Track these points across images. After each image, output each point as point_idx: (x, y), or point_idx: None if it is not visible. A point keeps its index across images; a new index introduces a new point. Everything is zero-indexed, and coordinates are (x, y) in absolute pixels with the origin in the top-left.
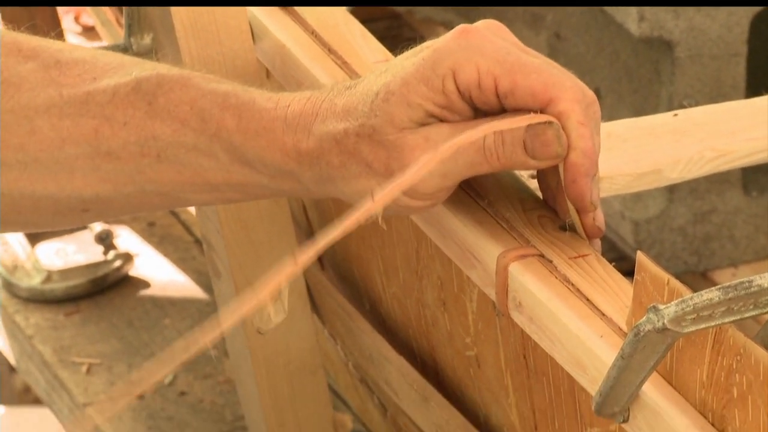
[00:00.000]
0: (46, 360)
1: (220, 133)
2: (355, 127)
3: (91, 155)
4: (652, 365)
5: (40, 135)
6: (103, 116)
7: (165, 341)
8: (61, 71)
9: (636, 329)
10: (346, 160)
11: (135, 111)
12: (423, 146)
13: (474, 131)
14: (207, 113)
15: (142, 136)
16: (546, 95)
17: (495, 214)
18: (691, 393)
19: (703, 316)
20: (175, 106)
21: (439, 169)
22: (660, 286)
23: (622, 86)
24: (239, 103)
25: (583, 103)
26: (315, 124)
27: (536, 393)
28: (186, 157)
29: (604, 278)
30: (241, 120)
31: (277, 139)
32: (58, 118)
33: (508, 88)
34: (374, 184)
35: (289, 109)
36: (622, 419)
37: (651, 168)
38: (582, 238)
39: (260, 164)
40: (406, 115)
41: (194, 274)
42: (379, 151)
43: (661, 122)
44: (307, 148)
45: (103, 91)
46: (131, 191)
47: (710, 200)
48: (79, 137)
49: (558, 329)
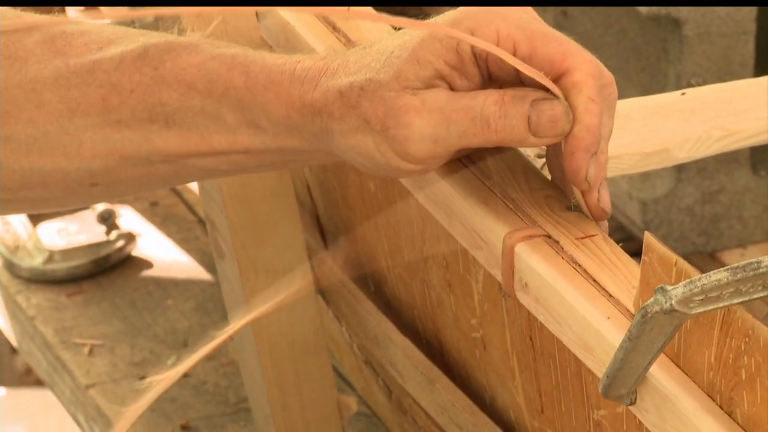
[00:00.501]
0: (47, 341)
1: (227, 92)
2: (360, 81)
3: (100, 125)
4: (659, 347)
5: (49, 107)
6: (110, 84)
7: (168, 322)
8: (67, 41)
9: (643, 310)
10: (346, 113)
11: (141, 77)
12: (418, 108)
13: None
14: (215, 74)
15: (150, 103)
16: (563, 64)
17: (501, 194)
18: (699, 375)
19: (711, 297)
20: (182, 70)
21: (431, 133)
22: (668, 266)
23: (630, 65)
24: (248, 61)
25: (599, 82)
26: (323, 78)
27: (542, 375)
28: (193, 120)
29: (612, 259)
30: (248, 77)
31: (283, 91)
32: (66, 89)
33: (526, 53)
34: (369, 141)
35: (299, 64)
36: (629, 402)
37: (659, 147)
38: (589, 219)
39: (265, 121)
40: (413, 72)
41: (197, 254)
42: (379, 107)
43: (669, 101)
44: (312, 99)
45: (110, 59)
46: (138, 161)
47: (719, 180)
48: (87, 108)
49: (565, 310)
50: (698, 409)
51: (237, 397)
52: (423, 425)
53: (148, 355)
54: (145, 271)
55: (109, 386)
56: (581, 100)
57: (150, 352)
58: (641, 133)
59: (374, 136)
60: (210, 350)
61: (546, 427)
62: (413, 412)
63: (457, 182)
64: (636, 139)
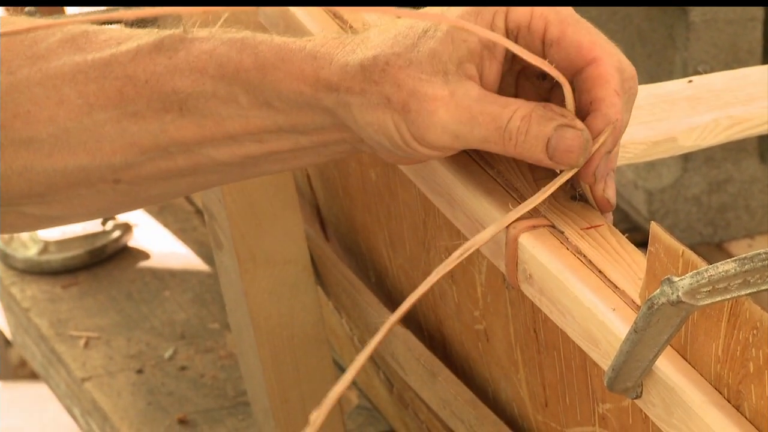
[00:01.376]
0: (42, 333)
1: (238, 74)
2: (387, 55)
3: (117, 118)
4: (666, 339)
5: (68, 104)
6: (126, 76)
7: (165, 314)
8: (88, 39)
9: (649, 302)
10: (367, 88)
11: (156, 67)
12: (446, 100)
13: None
14: (225, 58)
15: (164, 92)
16: (591, 53)
17: (505, 183)
18: (706, 368)
19: (718, 288)
20: (194, 57)
21: (454, 129)
22: (674, 257)
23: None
24: (256, 42)
25: (622, 75)
26: (340, 54)
27: (547, 368)
28: (206, 106)
29: (617, 250)
30: (257, 57)
31: (294, 68)
32: (84, 84)
33: (556, 35)
34: (388, 119)
35: (310, 42)
36: (635, 395)
37: (665, 136)
38: (594, 209)
39: (277, 99)
40: (447, 53)
41: (195, 245)
42: (403, 86)
43: (676, 89)
44: (328, 74)
45: (126, 52)
46: (156, 154)
47: (726, 169)
48: (105, 101)
49: (569, 302)
50: (705, 402)
51: (236, 391)
52: (424, 419)
53: (144, 348)
54: (141, 262)
55: (105, 379)
56: (607, 93)
57: (147, 344)
58: (647, 122)
59: (394, 115)
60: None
61: (550, 421)
62: (415, 405)
63: (460, 171)
64: (642, 127)
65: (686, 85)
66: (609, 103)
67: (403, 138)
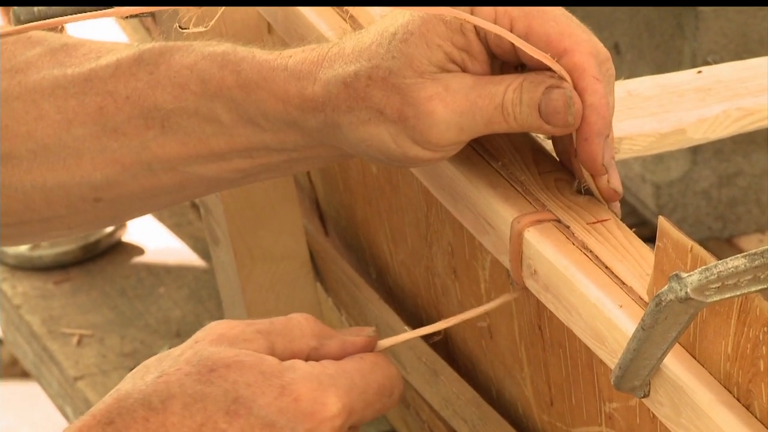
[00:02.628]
0: (34, 331)
1: (220, 91)
2: (367, 69)
3: (97, 134)
4: (674, 337)
5: (47, 119)
6: (106, 91)
7: (160, 311)
8: (68, 53)
9: (657, 299)
10: (354, 105)
11: (137, 82)
12: (442, 95)
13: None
14: (207, 74)
15: (145, 108)
16: (561, 45)
17: (509, 176)
18: (715, 366)
19: (728, 284)
20: (175, 72)
21: (457, 122)
22: (683, 253)
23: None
24: (238, 58)
25: (598, 59)
26: (321, 70)
27: (552, 366)
28: (189, 124)
29: (624, 245)
30: (239, 75)
31: (277, 88)
32: (63, 99)
33: (522, 32)
34: (383, 132)
35: (291, 59)
36: (642, 394)
37: (673, 128)
38: (601, 203)
39: (262, 118)
40: (425, 57)
41: (191, 240)
42: (393, 96)
43: (685, 80)
44: (312, 94)
45: (106, 66)
46: (139, 171)
47: (736, 162)
48: (84, 117)
49: (575, 299)
50: (714, 401)
51: None
52: (426, 419)
53: (139, 346)
54: (136, 257)
55: (99, 378)
56: (587, 82)
57: (141, 342)
58: (655, 114)
59: (389, 127)
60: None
61: (555, 421)
62: (416, 405)
63: (463, 164)
64: (650, 119)
65: (695, 75)
66: (591, 91)
67: (402, 147)
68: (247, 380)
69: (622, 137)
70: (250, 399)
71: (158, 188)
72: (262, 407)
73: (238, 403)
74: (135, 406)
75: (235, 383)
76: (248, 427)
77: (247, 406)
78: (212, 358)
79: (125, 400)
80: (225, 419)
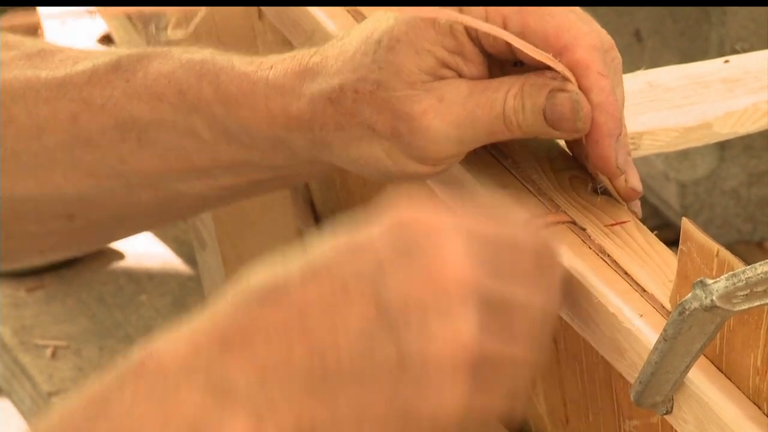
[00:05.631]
0: (5, 342)
1: (199, 105)
2: (352, 82)
3: (69, 145)
4: (699, 348)
5: (17, 124)
6: (81, 99)
7: (141, 320)
8: (44, 58)
9: (681, 307)
10: (343, 122)
11: (113, 91)
12: (437, 108)
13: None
14: (184, 84)
15: (121, 118)
16: (560, 41)
17: (521, 175)
18: (743, 380)
19: (757, 292)
20: (152, 81)
21: (455, 135)
22: (708, 257)
23: (666, 28)
24: (216, 69)
25: (601, 50)
26: (304, 84)
27: (567, 381)
28: (167, 138)
29: (645, 248)
30: (218, 88)
31: (259, 106)
32: (35, 104)
33: (517, 30)
34: (377, 149)
35: (271, 70)
36: (665, 410)
37: (699, 122)
38: (620, 203)
39: (246, 137)
40: (415, 65)
41: (175, 243)
42: (384, 110)
43: (711, 69)
44: (298, 111)
45: (82, 72)
46: (115, 186)
47: (767, 159)
48: (56, 125)
49: (592, 307)
50: (741, 417)
51: None
52: None
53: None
54: (115, 262)
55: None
56: (592, 80)
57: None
58: (679, 106)
59: (383, 143)
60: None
61: None
62: None
63: (470, 162)
64: (673, 112)
65: (722, 65)
66: (597, 89)
67: (398, 164)
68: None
69: (642, 132)
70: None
71: (137, 206)
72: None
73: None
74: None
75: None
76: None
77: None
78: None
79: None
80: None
